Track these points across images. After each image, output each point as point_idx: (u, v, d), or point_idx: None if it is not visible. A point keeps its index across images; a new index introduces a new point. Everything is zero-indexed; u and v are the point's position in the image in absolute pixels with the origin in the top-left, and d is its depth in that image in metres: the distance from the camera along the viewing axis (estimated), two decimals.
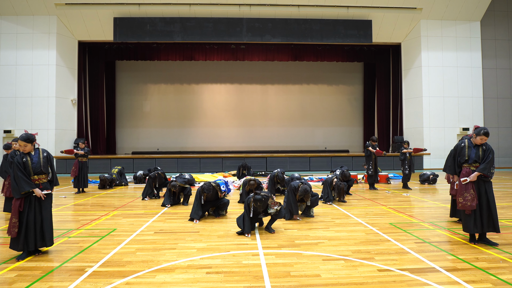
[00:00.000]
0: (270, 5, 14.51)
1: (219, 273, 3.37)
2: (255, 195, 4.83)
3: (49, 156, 4.04)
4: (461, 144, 4.40)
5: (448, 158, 4.55)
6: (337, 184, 7.35)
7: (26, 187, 3.75)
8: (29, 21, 14.28)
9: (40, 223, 3.89)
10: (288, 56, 16.70)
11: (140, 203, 7.45)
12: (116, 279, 3.24)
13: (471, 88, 15.61)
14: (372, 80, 18.56)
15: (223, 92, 18.72)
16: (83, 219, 5.92)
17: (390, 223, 5.47)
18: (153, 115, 18.37)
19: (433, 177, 10.47)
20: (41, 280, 3.23)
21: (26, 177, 3.78)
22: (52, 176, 4.06)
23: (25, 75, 14.26)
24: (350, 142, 19.00)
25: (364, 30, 14.99)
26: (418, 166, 14.80)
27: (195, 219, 5.59)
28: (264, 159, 14.80)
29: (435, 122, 15.41)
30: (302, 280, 3.20)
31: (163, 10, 14.47)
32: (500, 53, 15.98)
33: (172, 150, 17.94)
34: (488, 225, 4.19)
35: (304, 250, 4.07)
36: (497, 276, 3.25)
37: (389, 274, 3.32)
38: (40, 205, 3.91)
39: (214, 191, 5.85)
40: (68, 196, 8.57)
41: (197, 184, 10.66)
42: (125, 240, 4.55)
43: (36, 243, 3.85)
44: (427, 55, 15.44)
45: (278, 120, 18.80)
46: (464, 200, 4.20)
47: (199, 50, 16.30)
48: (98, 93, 16.47)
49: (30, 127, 13.84)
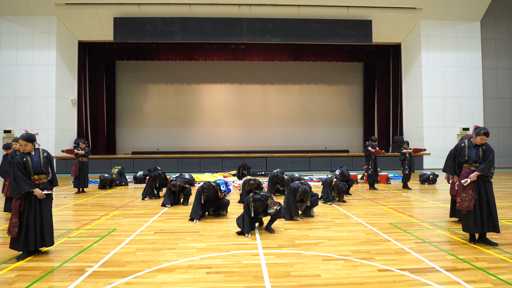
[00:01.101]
0: (270, 5, 14.51)
1: (219, 273, 3.37)
2: (255, 195, 4.83)
3: (49, 156, 4.04)
4: (461, 144, 4.40)
5: (448, 158, 4.55)
6: (336, 184, 7.35)
7: (26, 187, 3.75)
8: (29, 21, 14.28)
9: (40, 223, 3.89)
10: (288, 56, 16.70)
11: (140, 203, 7.45)
12: (116, 279, 3.24)
13: (471, 88, 15.62)
14: (372, 80, 18.56)
15: (223, 92, 18.72)
16: (83, 219, 5.92)
17: (390, 223, 5.47)
18: (153, 115, 18.37)
19: (433, 177, 10.47)
20: (41, 280, 3.23)
21: (26, 177, 3.78)
22: (52, 176, 4.06)
23: (25, 75, 14.26)
24: (350, 142, 18.99)
25: (364, 30, 14.99)
26: (418, 166, 14.80)
27: (195, 219, 5.59)
28: (264, 159, 14.80)
29: (435, 122, 15.41)
30: (302, 280, 3.20)
31: (163, 10, 14.48)
32: (500, 53, 15.98)
33: (172, 150, 17.94)
34: (488, 225, 4.19)
35: (304, 250, 4.07)
36: (497, 276, 3.25)
37: (389, 274, 3.32)
38: (40, 205, 3.91)
39: (214, 191, 5.85)
40: (68, 196, 8.56)
41: (197, 184, 10.66)
42: (125, 240, 4.55)
43: (36, 243, 3.85)
44: (427, 55, 15.44)
45: (278, 120, 18.79)
46: (461, 200, 4.21)
47: (199, 50, 16.30)
48: (98, 93, 16.47)
49: (30, 127, 13.83)
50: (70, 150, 9.78)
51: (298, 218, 5.71)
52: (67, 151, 9.88)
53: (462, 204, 4.19)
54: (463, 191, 4.21)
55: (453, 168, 4.43)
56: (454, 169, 4.43)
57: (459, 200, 4.24)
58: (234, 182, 10.92)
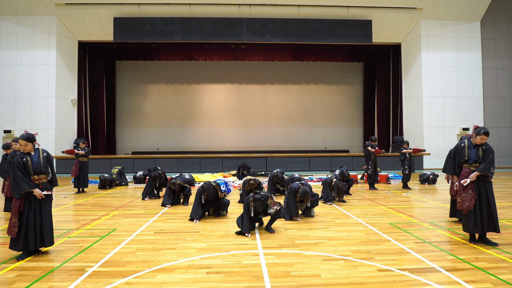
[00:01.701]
0: (270, 5, 14.51)
1: (219, 273, 3.37)
2: (255, 195, 4.83)
3: (49, 156, 4.04)
4: (461, 144, 4.40)
5: (448, 159, 4.55)
6: (336, 184, 7.35)
7: (26, 187, 3.74)
8: (29, 21, 14.28)
9: (40, 223, 3.89)
10: (288, 56, 16.69)
11: (140, 203, 7.45)
12: (116, 279, 3.24)
13: (471, 88, 15.61)
14: (372, 80, 18.55)
15: (223, 92, 18.72)
16: (83, 219, 5.92)
17: (390, 223, 5.47)
18: (153, 115, 18.37)
19: (433, 177, 10.47)
20: (41, 280, 3.23)
21: (26, 177, 3.78)
22: (52, 176, 4.06)
23: (25, 75, 14.26)
24: (350, 142, 19.00)
25: (364, 30, 14.99)
26: (418, 166, 14.80)
27: (195, 219, 5.59)
28: (264, 159, 14.80)
29: (435, 122, 15.41)
30: (302, 280, 3.20)
31: (163, 10, 14.47)
32: (500, 53, 15.98)
33: (172, 150, 17.94)
34: (488, 225, 4.19)
35: (304, 250, 4.07)
36: (497, 276, 3.25)
37: (389, 274, 3.32)
38: (40, 205, 3.91)
39: (214, 190, 5.85)
40: (68, 196, 8.56)
41: (197, 184, 10.66)
42: (125, 240, 4.55)
43: (36, 243, 3.85)
44: (427, 55, 15.44)
45: (278, 120, 18.79)
46: (462, 200, 4.21)
47: (199, 50, 16.30)
48: (98, 93, 16.47)
49: (30, 127, 13.83)
50: (70, 150, 9.78)
51: (298, 219, 5.71)
52: (67, 151, 9.87)
53: (463, 204, 4.19)
54: (463, 191, 4.21)
55: (453, 168, 4.43)
56: (454, 169, 4.42)
57: (459, 200, 4.24)
58: (234, 182, 10.92)
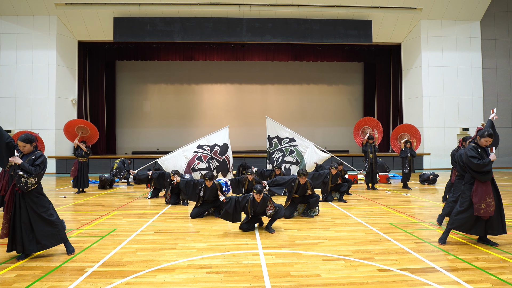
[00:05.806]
0: (270, 5, 14.51)
1: (219, 273, 3.37)
2: (255, 188, 4.85)
3: (37, 159, 3.75)
4: (477, 149, 4.15)
5: (473, 159, 4.11)
6: (321, 179, 7.35)
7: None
8: (29, 21, 14.28)
9: (30, 226, 3.74)
10: (288, 56, 16.69)
11: (140, 203, 7.46)
12: (116, 279, 3.24)
13: (471, 88, 15.61)
14: (372, 80, 18.55)
15: (223, 92, 18.71)
16: (83, 219, 5.92)
17: (390, 223, 5.47)
18: (153, 115, 18.36)
19: (433, 177, 10.48)
20: (41, 280, 3.23)
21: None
22: (35, 170, 3.71)
23: (25, 75, 14.26)
24: (350, 142, 18.92)
25: (364, 30, 14.99)
26: (418, 166, 14.79)
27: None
28: (264, 159, 14.79)
29: (435, 122, 15.41)
30: (302, 280, 3.20)
31: (163, 10, 14.47)
32: (500, 53, 15.98)
33: (172, 150, 17.87)
34: (499, 227, 4.14)
35: (304, 250, 4.07)
36: (497, 276, 3.25)
37: (389, 274, 3.32)
38: (26, 208, 3.72)
39: (215, 189, 5.88)
40: (68, 196, 8.57)
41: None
42: (125, 240, 4.55)
43: (24, 247, 3.69)
44: (427, 55, 15.44)
45: (278, 120, 18.57)
46: (486, 206, 3.97)
47: (199, 50, 16.30)
48: (98, 93, 16.47)
49: (30, 127, 13.84)
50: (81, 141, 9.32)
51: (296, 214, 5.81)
52: (80, 140, 9.35)
53: (488, 210, 3.97)
54: (486, 195, 4.00)
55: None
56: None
57: (484, 206, 3.98)
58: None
